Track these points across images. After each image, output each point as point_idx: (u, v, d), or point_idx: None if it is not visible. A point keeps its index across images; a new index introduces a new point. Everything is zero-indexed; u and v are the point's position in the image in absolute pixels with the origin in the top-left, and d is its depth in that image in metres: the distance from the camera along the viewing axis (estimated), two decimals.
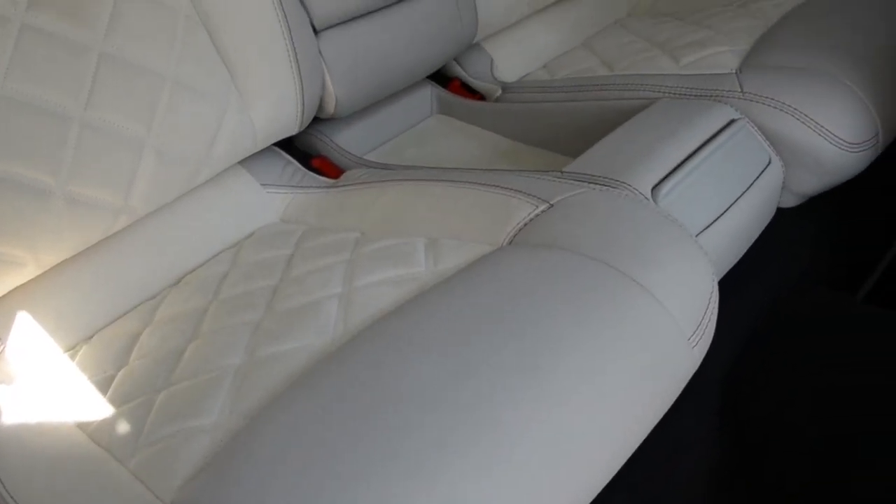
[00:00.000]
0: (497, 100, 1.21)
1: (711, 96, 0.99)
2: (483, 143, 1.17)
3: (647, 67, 1.11)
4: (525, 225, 0.76)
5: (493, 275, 0.68)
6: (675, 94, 1.02)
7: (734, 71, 1.02)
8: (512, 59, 1.31)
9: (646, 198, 0.82)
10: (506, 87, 1.22)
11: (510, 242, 0.75)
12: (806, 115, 0.94)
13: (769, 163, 0.94)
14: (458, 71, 1.27)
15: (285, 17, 0.93)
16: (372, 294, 0.72)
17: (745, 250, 0.94)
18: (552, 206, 0.78)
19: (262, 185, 1.00)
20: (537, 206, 0.78)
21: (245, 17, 0.91)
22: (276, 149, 1.06)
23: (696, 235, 0.85)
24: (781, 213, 1.01)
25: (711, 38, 1.14)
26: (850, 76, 0.98)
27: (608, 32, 1.35)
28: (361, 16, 1.06)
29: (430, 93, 1.26)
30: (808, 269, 1.05)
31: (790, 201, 1.01)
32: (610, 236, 0.72)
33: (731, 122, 0.94)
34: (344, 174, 1.03)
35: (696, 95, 1.00)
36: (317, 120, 1.08)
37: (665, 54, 1.14)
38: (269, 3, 0.92)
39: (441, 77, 1.28)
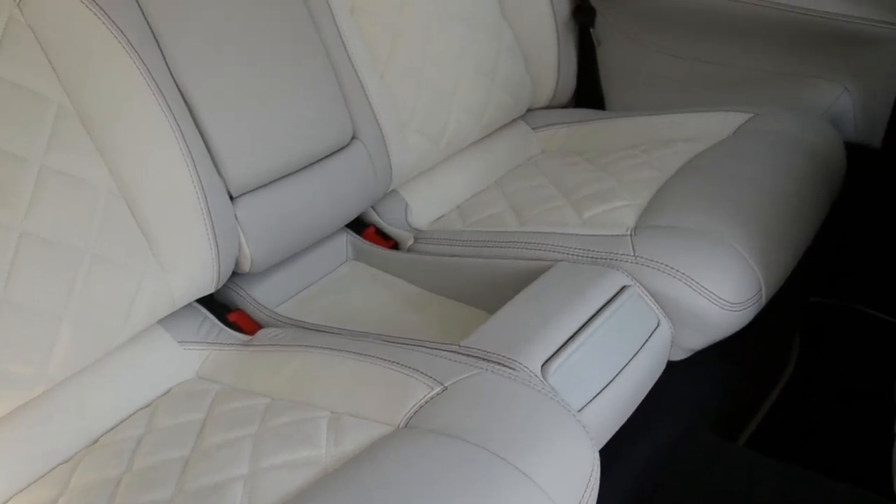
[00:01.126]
0: (410, 248, 1.28)
1: (607, 259, 1.07)
2: (396, 292, 1.24)
3: (551, 221, 1.19)
4: (421, 407, 0.82)
5: (387, 466, 0.73)
6: (574, 255, 1.09)
7: (629, 233, 1.09)
8: (427, 203, 1.38)
9: (536, 375, 0.89)
10: (418, 236, 1.29)
11: (406, 425, 0.81)
12: (692, 279, 1.02)
13: (658, 325, 1.02)
14: (374, 217, 1.34)
15: (202, 186, 1.00)
16: (275, 478, 0.76)
17: (634, 409, 1.01)
18: (446, 388, 0.84)
19: (178, 342, 1.05)
20: (432, 388, 0.84)
21: (163, 188, 0.97)
22: (195, 304, 1.11)
23: (584, 406, 0.91)
24: (669, 364, 1.08)
25: (613, 189, 1.23)
26: (734, 236, 1.07)
27: (521, 172, 1.44)
28: (276, 179, 1.13)
29: (345, 240, 1.31)
30: (694, 417, 1.13)
31: (678, 355, 1.08)
32: (496, 423, 0.78)
33: (623, 288, 1.01)
34: (258, 332, 1.08)
35: (592, 258, 1.08)
36: (234, 272, 1.13)
37: (570, 205, 1.22)
38: (186, 173, 0.98)
39: (357, 222, 1.34)
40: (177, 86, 1.02)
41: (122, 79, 0.96)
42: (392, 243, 1.32)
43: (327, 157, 1.19)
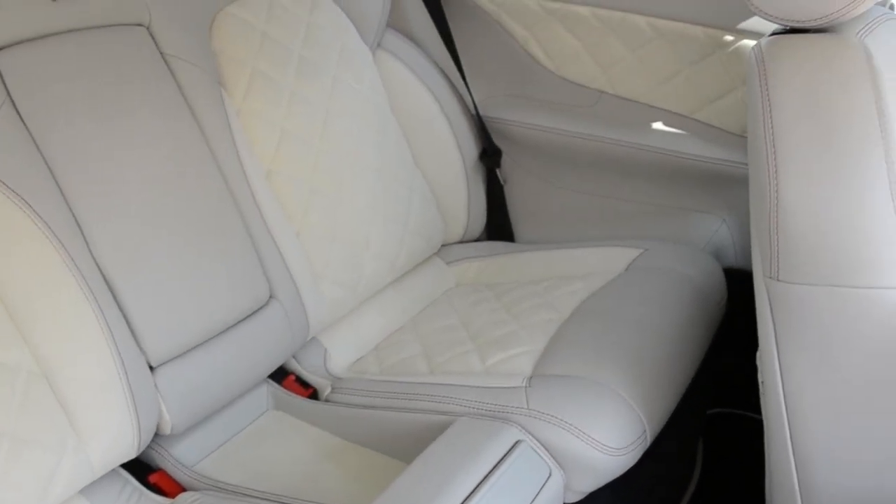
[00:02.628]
0: (328, 398, 1.37)
1: (503, 413, 1.17)
2: (315, 443, 1.32)
3: (457, 370, 1.31)
4: None
5: None
6: (474, 409, 1.20)
7: (524, 384, 1.21)
8: (345, 346, 1.48)
9: None
10: (335, 385, 1.38)
11: None
12: (579, 429, 1.12)
13: (550, 475, 1.12)
14: (294, 365, 1.43)
15: (122, 360, 1.09)
16: None
17: None
18: None
19: None
20: None
21: (84, 365, 1.06)
22: (116, 467, 1.19)
23: None
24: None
25: (515, 333, 1.35)
26: (620, 383, 1.19)
27: (436, 310, 1.56)
28: (195, 346, 1.21)
29: (265, 390, 1.40)
30: None
31: (572, 497, 1.17)
32: None
33: (517, 443, 1.11)
34: (178, 497, 1.16)
35: (490, 412, 1.19)
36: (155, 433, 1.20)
37: (475, 350, 1.35)
38: (106, 349, 1.07)
39: (278, 370, 1.42)
40: (98, 266, 1.11)
41: (44, 264, 1.05)
42: (312, 391, 1.42)
43: (245, 319, 1.28)
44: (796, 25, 0.96)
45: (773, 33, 1.01)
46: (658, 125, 1.63)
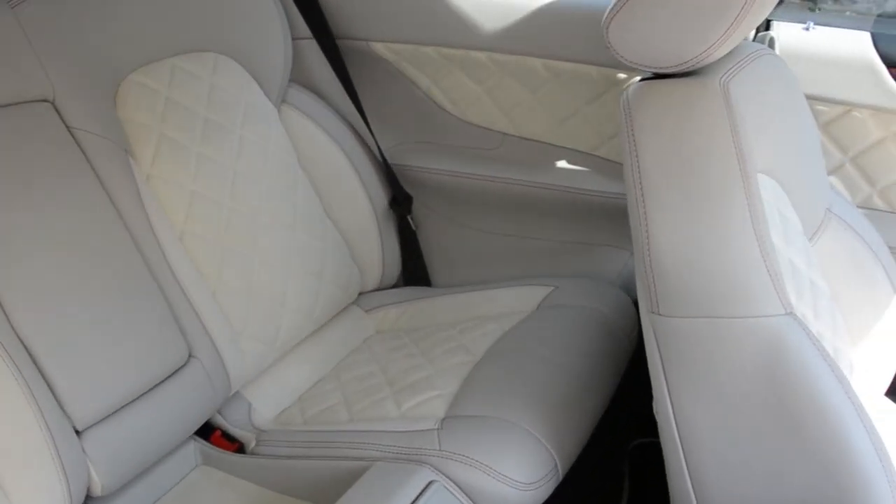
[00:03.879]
0: (253, 451, 1.43)
1: (417, 455, 1.25)
2: (243, 495, 1.37)
3: (375, 416, 1.38)
4: None
5: None
6: (390, 453, 1.27)
7: (437, 426, 1.29)
8: (269, 399, 1.53)
9: None
10: (260, 438, 1.44)
11: None
12: (490, 467, 1.20)
13: None
14: (219, 421, 1.48)
15: (48, 426, 1.13)
16: None
17: None
18: None
19: None
20: None
21: (10, 434, 1.11)
22: None
23: None
24: None
25: (429, 378, 1.43)
26: (529, 420, 1.27)
27: (356, 358, 1.63)
28: (119, 409, 1.26)
29: (193, 447, 1.45)
30: None
31: None
32: None
33: (430, 484, 1.19)
34: None
35: (405, 455, 1.26)
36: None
37: (392, 396, 1.42)
38: (32, 417, 1.12)
39: (205, 426, 1.47)
40: (17, 335, 1.16)
41: None
42: (238, 445, 1.47)
43: (166, 379, 1.34)
44: (659, 71, 1.05)
45: (642, 79, 1.09)
46: (562, 163, 1.74)
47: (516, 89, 1.75)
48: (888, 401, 1.45)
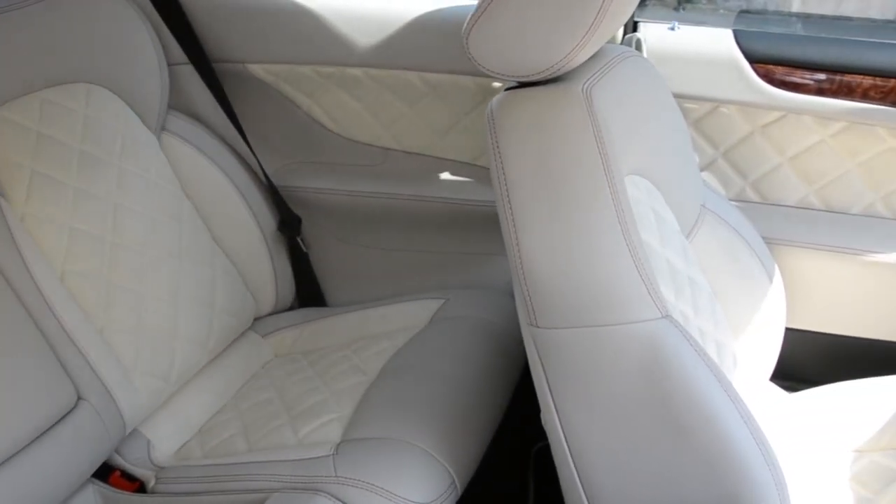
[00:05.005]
0: (153, 489, 1.40)
1: (313, 483, 1.24)
2: None
3: (273, 444, 1.38)
4: None
5: None
6: (287, 483, 1.27)
7: (332, 451, 1.29)
8: (168, 434, 1.51)
9: None
10: (159, 475, 1.41)
11: None
12: (386, 490, 1.20)
13: None
14: (118, 461, 1.45)
15: None
16: None
17: None
18: None
19: None
20: None
21: None
22: None
23: None
24: None
25: (325, 401, 1.43)
26: (423, 439, 1.28)
27: (255, 384, 1.62)
28: (10, 458, 1.22)
29: (91, 490, 1.41)
30: None
31: None
32: None
33: None
34: None
35: (302, 484, 1.25)
36: None
37: (289, 423, 1.41)
38: None
39: (104, 466, 1.43)
40: None
41: None
42: (138, 484, 1.44)
43: (54, 424, 1.30)
44: (521, 80, 1.04)
45: (506, 89, 1.09)
46: (445, 175, 1.76)
47: (395, 104, 1.76)
48: (773, 385, 1.52)
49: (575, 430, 1.09)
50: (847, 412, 1.42)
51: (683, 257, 1.24)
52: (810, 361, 1.70)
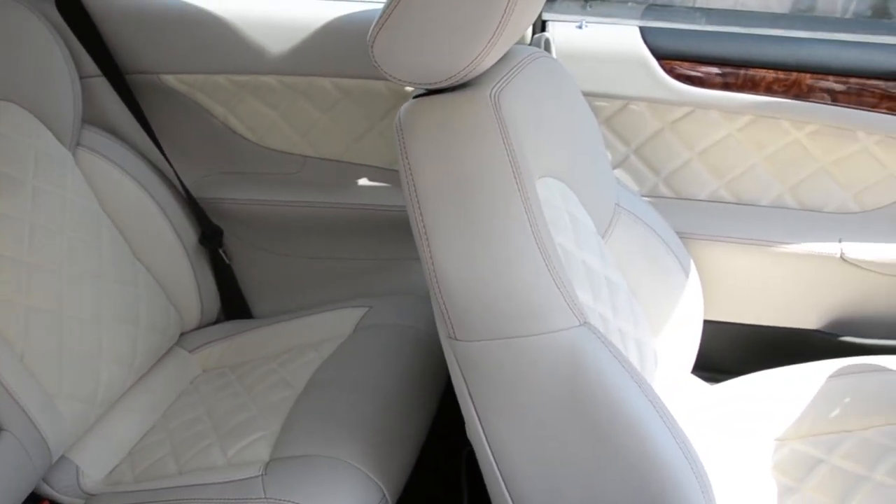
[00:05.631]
0: None
1: None
2: None
3: (202, 466, 1.37)
4: None
5: None
6: None
7: (261, 472, 1.28)
8: (98, 459, 1.49)
9: None
10: (90, 503, 1.41)
11: None
12: None
13: None
14: (46, 490, 1.42)
15: None
16: None
17: None
18: None
19: None
20: None
21: None
22: None
23: None
24: None
25: (253, 419, 1.42)
26: (352, 454, 1.28)
27: (184, 402, 1.60)
28: None
29: None
30: None
31: None
32: None
33: None
34: None
35: None
36: None
37: (217, 442, 1.40)
38: None
39: (33, 496, 1.41)
40: None
41: None
42: None
43: None
44: (428, 87, 1.03)
45: (415, 96, 1.07)
46: (363, 181, 1.76)
47: (310, 111, 1.76)
48: (695, 378, 1.56)
49: (500, 441, 1.09)
50: (767, 401, 1.46)
51: (600, 258, 1.26)
52: (730, 352, 1.75)
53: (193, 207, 1.80)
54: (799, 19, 1.74)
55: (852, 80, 1.57)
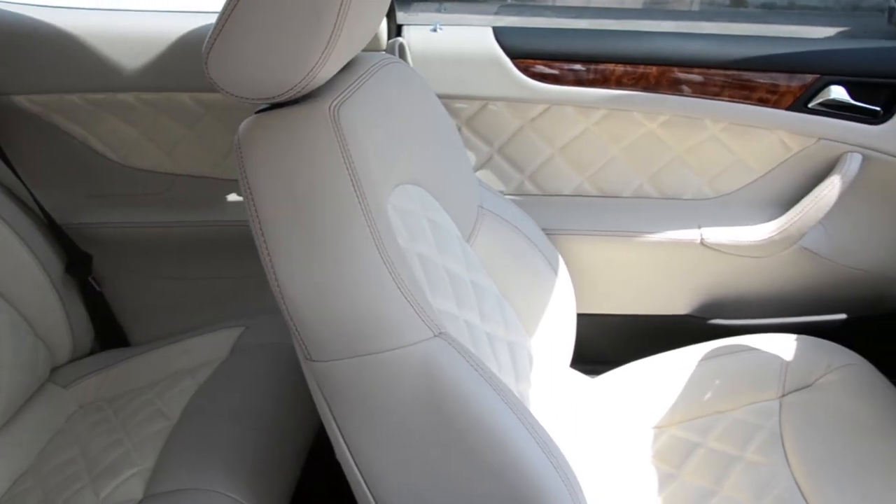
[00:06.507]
0: None
1: None
2: None
3: None
4: None
5: None
6: None
7: None
8: None
9: None
10: None
11: None
12: None
13: None
14: None
15: None
16: None
17: None
18: None
19: None
20: None
21: None
22: None
23: None
24: None
25: (126, 454, 1.39)
26: (228, 484, 1.26)
27: (58, 443, 1.54)
28: None
29: None
30: None
31: None
32: None
33: None
34: None
35: None
36: None
37: (90, 484, 1.36)
38: None
39: None
40: None
41: None
42: None
43: None
44: (267, 101, 0.98)
45: (257, 111, 1.03)
46: (232, 197, 1.73)
47: (173, 127, 1.72)
48: (575, 372, 1.58)
49: (367, 461, 1.08)
50: (644, 390, 1.49)
51: (465, 263, 1.25)
52: (608, 343, 1.78)
53: (58, 235, 1.73)
54: (656, 12, 1.77)
55: (696, 70, 1.61)
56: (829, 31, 1.69)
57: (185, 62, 1.64)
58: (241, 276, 1.77)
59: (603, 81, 1.62)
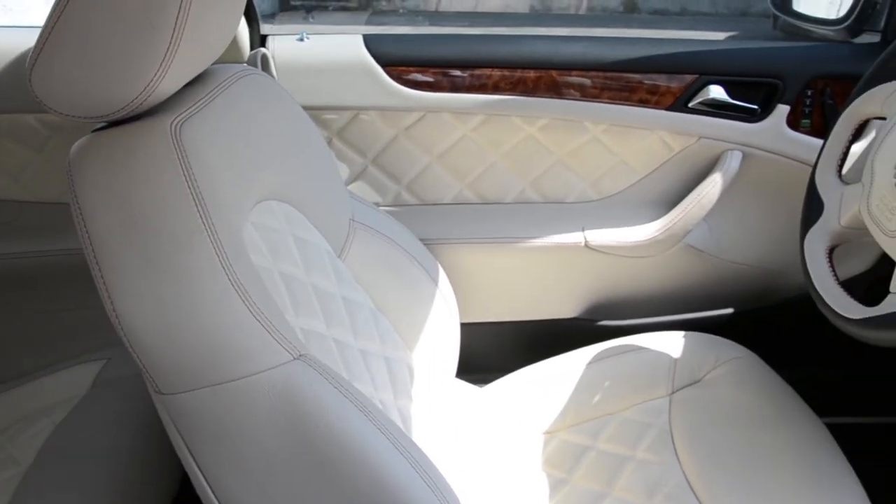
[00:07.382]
0: None
1: None
2: None
3: None
4: None
5: None
6: None
7: None
8: None
9: None
10: None
11: None
12: None
13: None
14: None
15: None
16: None
17: None
18: None
19: None
20: None
21: None
22: None
23: None
24: None
25: None
26: None
27: None
28: None
29: None
30: None
31: None
32: None
33: None
34: None
35: None
36: None
37: None
38: None
39: None
40: None
41: None
42: None
43: None
44: (101, 120, 0.91)
45: (94, 130, 0.94)
46: None
47: (18, 151, 1.59)
48: (462, 382, 1.54)
49: (228, 495, 0.98)
50: (534, 396, 1.47)
51: (335, 279, 1.19)
52: (497, 351, 1.75)
53: None
54: (545, 17, 1.76)
55: (575, 73, 1.60)
56: (720, 36, 1.71)
57: (24, 80, 1.52)
58: (102, 305, 1.64)
59: (480, 87, 1.60)
